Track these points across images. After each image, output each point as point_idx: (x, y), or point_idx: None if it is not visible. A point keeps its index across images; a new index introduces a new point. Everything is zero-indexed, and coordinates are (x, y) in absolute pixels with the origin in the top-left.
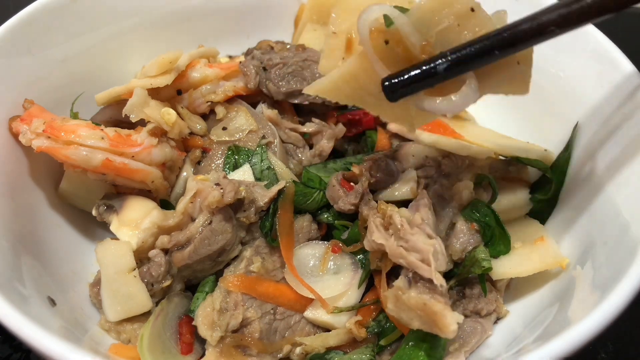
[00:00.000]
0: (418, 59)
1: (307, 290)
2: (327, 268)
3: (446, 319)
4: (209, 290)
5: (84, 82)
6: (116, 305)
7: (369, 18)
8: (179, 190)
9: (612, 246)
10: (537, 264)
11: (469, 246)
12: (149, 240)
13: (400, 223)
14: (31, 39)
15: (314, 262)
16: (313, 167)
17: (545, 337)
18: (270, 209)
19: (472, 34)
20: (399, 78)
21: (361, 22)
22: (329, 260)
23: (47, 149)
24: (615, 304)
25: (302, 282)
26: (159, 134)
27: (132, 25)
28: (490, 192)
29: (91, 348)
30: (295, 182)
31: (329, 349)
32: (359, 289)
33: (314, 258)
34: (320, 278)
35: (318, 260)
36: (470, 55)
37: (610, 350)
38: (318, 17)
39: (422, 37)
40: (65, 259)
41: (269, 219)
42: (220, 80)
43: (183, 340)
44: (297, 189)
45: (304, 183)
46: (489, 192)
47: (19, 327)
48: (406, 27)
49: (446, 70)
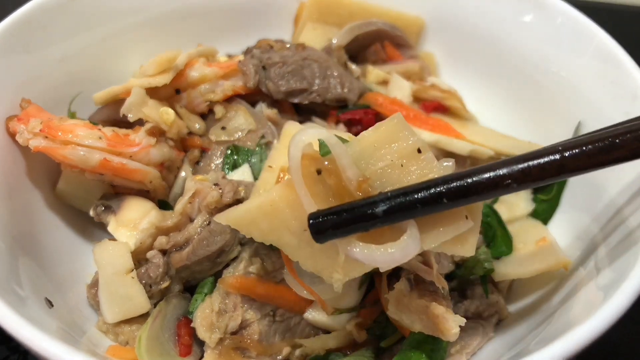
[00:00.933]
0: (353, 197)
1: (306, 291)
2: None
3: (448, 323)
4: (207, 291)
5: (82, 81)
6: (114, 306)
7: (303, 140)
8: (177, 191)
9: (614, 247)
10: (539, 265)
11: None
12: (147, 241)
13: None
14: (29, 37)
15: None
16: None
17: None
18: None
19: (417, 176)
20: (330, 216)
21: (293, 144)
22: None
23: (45, 148)
24: (618, 306)
25: (301, 284)
26: (157, 134)
27: (130, 24)
28: None
29: (89, 350)
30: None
31: (328, 351)
32: (359, 290)
33: None
34: (320, 279)
35: None
36: (414, 201)
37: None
38: (318, 16)
39: (361, 172)
40: (63, 260)
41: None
42: (219, 79)
43: (181, 342)
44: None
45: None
46: None
47: (16, 328)
48: (343, 158)
49: (385, 214)
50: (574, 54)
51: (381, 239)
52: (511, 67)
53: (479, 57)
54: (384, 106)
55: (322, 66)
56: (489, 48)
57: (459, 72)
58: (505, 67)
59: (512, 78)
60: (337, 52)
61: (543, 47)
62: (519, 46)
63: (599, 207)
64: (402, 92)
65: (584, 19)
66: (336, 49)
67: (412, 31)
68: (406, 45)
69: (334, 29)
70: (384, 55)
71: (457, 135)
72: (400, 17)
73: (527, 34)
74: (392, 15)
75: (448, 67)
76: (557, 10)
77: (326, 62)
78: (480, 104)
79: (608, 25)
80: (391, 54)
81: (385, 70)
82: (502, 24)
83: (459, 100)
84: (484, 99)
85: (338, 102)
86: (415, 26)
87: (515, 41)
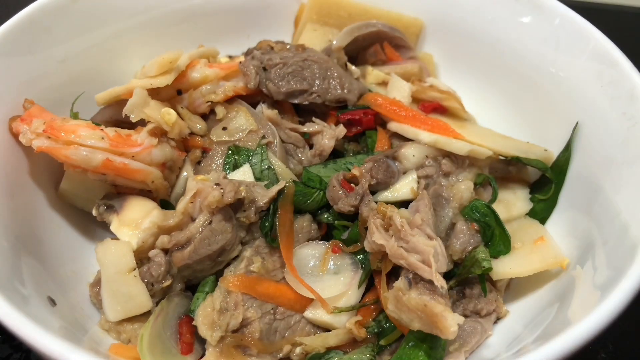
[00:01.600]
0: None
1: (307, 290)
2: (327, 268)
3: (447, 321)
4: (209, 290)
5: (84, 82)
6: (116, 305)
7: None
8: (179, 190)
9: (612, 246)
10: (537, 264)
11: (469, 246)
12: (149, 240)
13: (401, 224)
14: (31, 38)
15: (314, 262)
16: (313, 167)
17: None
18: (270, 209)
19: None
20: None
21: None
22: (329, 260)
23: (47, 149)
24: (615, 304)
25: (302, 282)
26: (159, 134)
27: (132, 25)
28: (490, 192)
29: (91, 348)
30: (295, 182)
31: (328, 349)
32: (358, 289)
33: (314, 258)
34: (320, 278)
35: (318, 260)
36: None
37: (610, 350)
38: (318, 17)
39: None
40: (66, 259)
41: (269, 219)
42: (220, 80)
43: (183, 340)
44: (297, 189)
45: (304, 183)
46: (489, 192)
47: (19, 327)
48: None
49: None
50: (571, 55)
51: None
52: (509, 68)
53: (478, 58)
54: (383, 106)
55: (322, 67)
56: (487, 49)
57: (458, 73)
58: (503, 68)
59: (510, 79)
60: (337, 53)
61: (541, 48)
62: (517, 47)
63: (597, 207)
64: (401, 92)
65: (581, 20)
66: (336, 50)
67: (411, 32)
68: (405, 47)
69: (334, 30)
70: (384, 56)
71: (456, 136)
72: (400, 19)
73: (525, 35)
74: (391, 16)
75: (447, 68)
76: (554, 11)
77: (326, 63)
78: (479, 105)
79: (605, 26)
80: (390, 55)
81: (385, 71)
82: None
83: (458, 101)
84: (482, 99)
85: (338, 103)
86: (414, 27)
87: (513, 42)
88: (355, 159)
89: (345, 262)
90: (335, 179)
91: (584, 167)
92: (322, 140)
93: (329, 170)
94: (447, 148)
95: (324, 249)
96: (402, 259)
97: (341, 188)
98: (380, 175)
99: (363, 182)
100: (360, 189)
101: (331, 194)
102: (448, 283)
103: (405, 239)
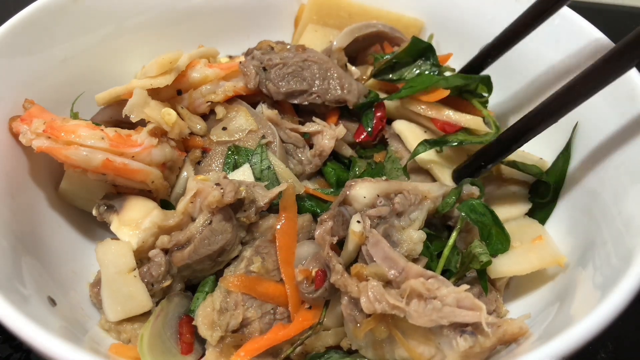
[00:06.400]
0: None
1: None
2: None
3: (521, 322)
4: (209, 290)
5: (84, 82)
6: (116, 305)
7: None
8: (179, 190)
9: (611, 246)
10: (535, 262)
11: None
12: (149, 240)
13: (426, 288)
14: (31, 39)
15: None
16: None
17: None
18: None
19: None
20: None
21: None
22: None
23: (47, 149)
24: (615, 304)
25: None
26: (159, 134)
27: (132, 25)
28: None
29: (91, 348)
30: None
31: (328, 348)
32: None
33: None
34: None
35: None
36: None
37: (610, 350)
38: (318, 18)
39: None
40: (66, 258)
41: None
42: (220, 80)
43: (183, 340)
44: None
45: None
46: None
47: (19, 327)
48: None
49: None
50: (571, 55)
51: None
52: (509, 68)
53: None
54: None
55: (322, 68)
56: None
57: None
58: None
59: (509, 79)
60: (337, 54)
61: (541, 48)
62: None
63: (597, 207)
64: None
65: (581, 20)
66: (336, 50)
67: (411, 33)
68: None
69: (334, 31)
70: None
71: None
72: (400, 19)
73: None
74: (391, 17)
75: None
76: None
77: (326, 63)
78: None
79: (605, 26)
80: None
81: None
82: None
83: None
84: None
85: (338, 103)
86: (414, 28)
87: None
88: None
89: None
90: (300, 274)
91: (584, 168)
92: (322, 141)
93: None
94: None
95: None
96: (453, 317)
97: (309, 284)
98: (341, 232)
99: (331, 268)
100: (326, 283)
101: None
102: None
103: (432, 296)
